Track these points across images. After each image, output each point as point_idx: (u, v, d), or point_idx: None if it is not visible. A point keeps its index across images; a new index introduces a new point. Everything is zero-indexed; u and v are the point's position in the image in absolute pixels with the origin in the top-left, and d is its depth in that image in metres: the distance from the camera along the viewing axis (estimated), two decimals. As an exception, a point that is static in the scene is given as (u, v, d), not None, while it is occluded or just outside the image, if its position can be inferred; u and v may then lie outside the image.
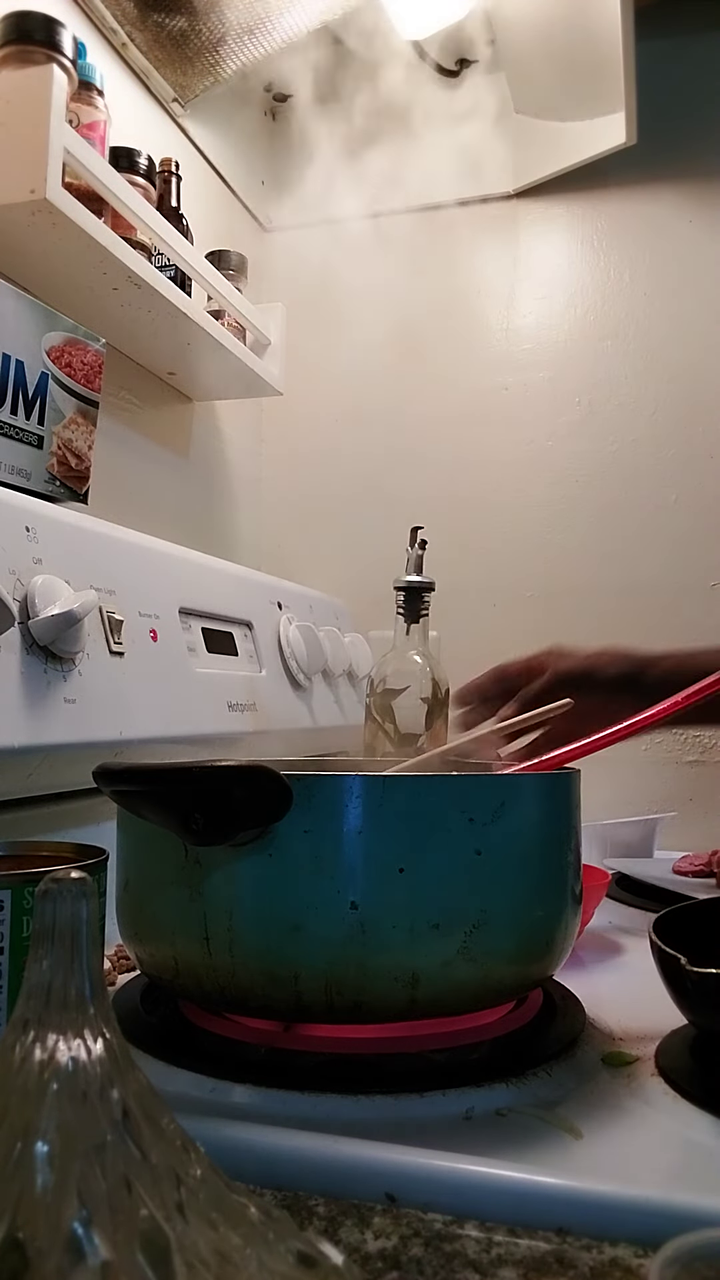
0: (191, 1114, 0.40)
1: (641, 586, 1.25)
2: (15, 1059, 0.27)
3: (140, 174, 0.93)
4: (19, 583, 0.63)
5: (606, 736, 0.66)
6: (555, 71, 1.23)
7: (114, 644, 0.71)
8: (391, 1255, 0.34)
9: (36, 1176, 0.25)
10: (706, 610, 1.23)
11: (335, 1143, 0.39)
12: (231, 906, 0.46)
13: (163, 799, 0.46)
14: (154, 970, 0.51)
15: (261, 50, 1.16)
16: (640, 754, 1.22)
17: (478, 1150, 0.39)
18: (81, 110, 0.85)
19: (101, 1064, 0.28)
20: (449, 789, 0.47)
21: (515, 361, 1.34)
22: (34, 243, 0.81)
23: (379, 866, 0.45)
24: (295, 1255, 0.27)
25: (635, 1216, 0.35)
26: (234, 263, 1.16)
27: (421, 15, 1.18)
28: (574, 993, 0.58)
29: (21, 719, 0.60)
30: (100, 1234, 0.24)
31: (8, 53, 0.77)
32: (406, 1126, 0.41)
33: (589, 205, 1.33)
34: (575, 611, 1.29)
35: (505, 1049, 0.49)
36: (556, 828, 0.52)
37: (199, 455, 1.26)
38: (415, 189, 1.39)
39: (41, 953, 0.29)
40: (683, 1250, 0.27)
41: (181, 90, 1.17)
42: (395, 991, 0.45)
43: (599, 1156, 0.40)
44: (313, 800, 0.45)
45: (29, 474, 0.72)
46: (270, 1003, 0.46)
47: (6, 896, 0.46)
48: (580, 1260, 0.34)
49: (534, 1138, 0.41)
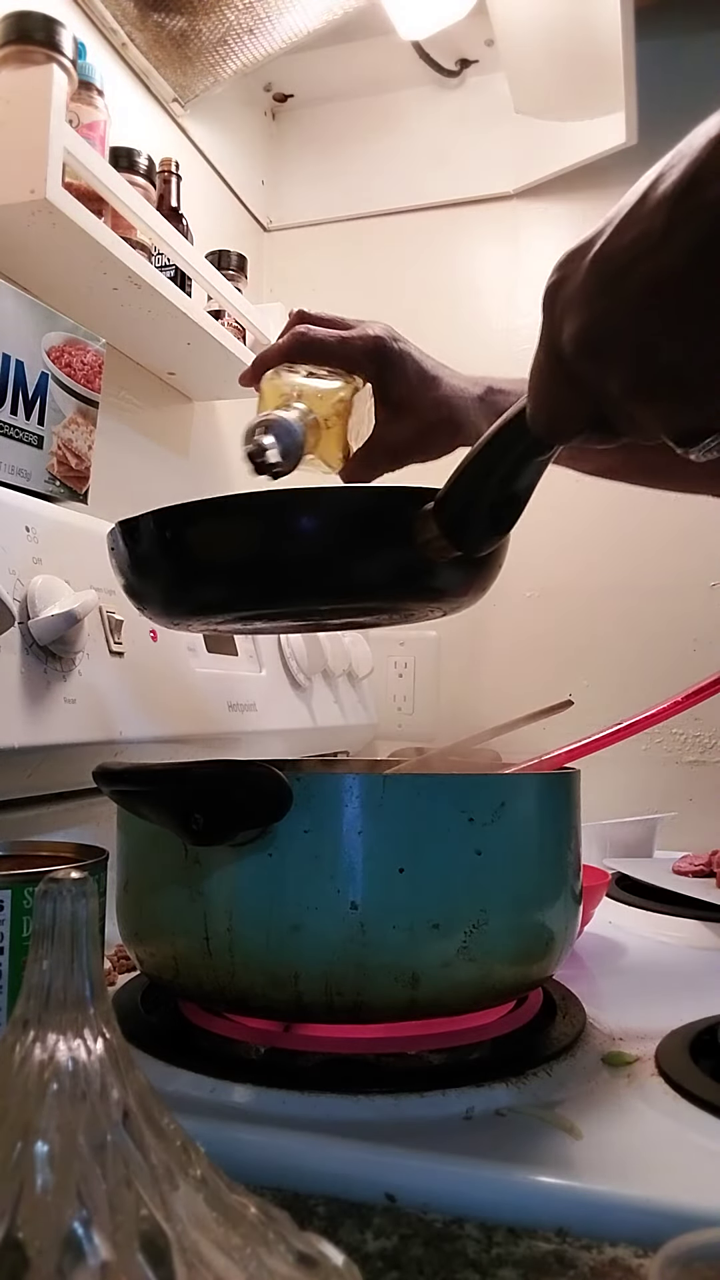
0: (191, 1114, 0.41)
1: (641, 586, 1.25)
2: (15, 1059, 0.27)
3: (140, 174, 0.93)
4: (19, 583, 0.63)
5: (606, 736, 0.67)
6: (555, 71, 1.23)
7: (114, 644, 0.71)
8: (391, 1255, 0.34)
9: (36, 1176, 0.25)
10: (706, 610, 1.23)
11: (335, 1143, 0.39)
12: (231, 906, 0.46)
13: (163, 799, 0.46)
14: (154, 970, 0.51)
15: (261, 50, 1.16)
16: (640, 754, 1.22)
17: (478, 1150, 0.39)
18: (81, 110, 0.84)
19: (101, 1064, 0.28)
20: (449, 789, 0.47)
21: (515, 361, 1.33)
22: (34, 243, 0.81)
23: (379, 866, 0.45)
24: (295, 1255, 0.27)
25: (635, 1216, 0.35)
26: (234, 263, 1.16)
27: (421, 15, 1.18)
28: (574, 993, 0.58)
29: (21, 719, 0.60)
30: (100, 1234, 0.24)
31: (8, 53, 0.77)
32: (406, 1126, 0.41)
33: (589, 205, 1.33)
34: (575, 611, 1.29)
35: (505, 1049, 0.49)
36: (556, 828, 0.52)
37: (199, 455, 1.26)
38: (415, 189, 1.39)
39: (41, 953, 0.29)
40: (683, 1250, 0.27)
41: (181, 90, 1.17)
42: (395, 991, 0.45)
43: (599, 1156, 0.40)
44: (313, 800, 0.45)
45: (29, 474, 0.72)
46: (270, 1003, 0.46)
47: (6, 896, 0.46)
48: (580, 1260, 0.34)
49: (534, 1138, 0.41)
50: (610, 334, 0.37)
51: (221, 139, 1.30)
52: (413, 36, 1.26)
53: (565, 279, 0.38)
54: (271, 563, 0.52)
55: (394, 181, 1.40)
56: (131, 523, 0.56)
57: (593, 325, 0.37)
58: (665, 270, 0.35)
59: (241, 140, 1.38)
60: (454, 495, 0.48)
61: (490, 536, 0.49)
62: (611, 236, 0.36)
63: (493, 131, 1.35)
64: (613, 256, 0.36)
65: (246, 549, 0.53)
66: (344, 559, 0.52)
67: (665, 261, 0.35)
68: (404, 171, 1.40)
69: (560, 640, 1.29)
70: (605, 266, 0.37)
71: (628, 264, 0.36)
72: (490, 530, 0.49)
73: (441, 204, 1.39)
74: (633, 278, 0.36)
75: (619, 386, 0.38)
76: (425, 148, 1.39)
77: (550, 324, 0.39)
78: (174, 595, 0.56)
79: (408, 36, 1.24)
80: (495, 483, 0.47)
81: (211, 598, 0.56)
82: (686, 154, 0.34)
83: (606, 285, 0.37)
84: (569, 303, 0.38)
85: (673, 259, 0.35)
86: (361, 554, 0.52)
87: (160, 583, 0.56)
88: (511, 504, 0.48)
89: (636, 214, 0.36)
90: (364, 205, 1.41)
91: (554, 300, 0.39)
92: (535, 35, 1.20)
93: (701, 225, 0.34)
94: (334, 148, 1.44)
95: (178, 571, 0.55)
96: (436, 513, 0.48)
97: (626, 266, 0.36)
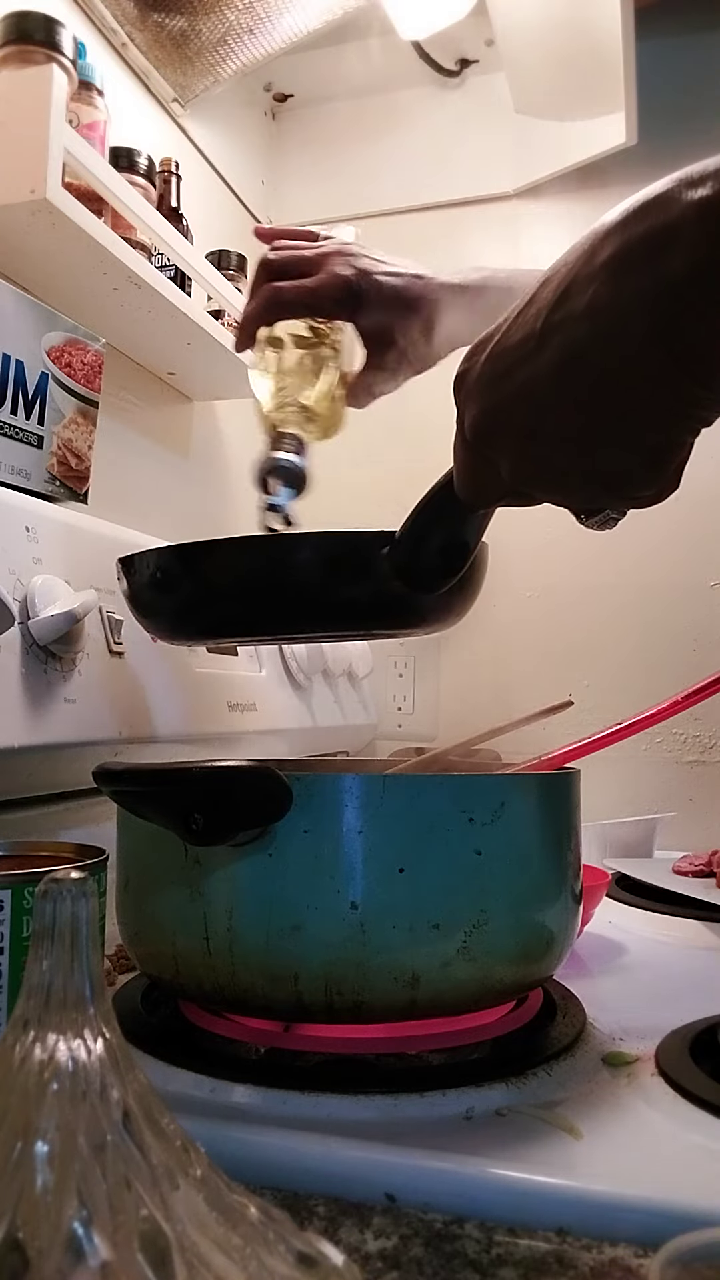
0: (191, 1114, 0.41)
1: (641, 586, 1.25)
2: (15, 1059, 0.27)
3: (140, 174, 0.93)
4: (19, 583, 0.63)
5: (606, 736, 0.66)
6: (555, 71, 1.23)
7: (114, 644, 0.71)
8: (391, 1255, 0.34)
9: (36, 1176, 0.25)
10: (706, 610, 1.23)
11: (335, 1143, 0.39)
12: (231, 906, 0.46)
13: (163, 799, 0.46)
14: (154, 970, 0.51)
15: (261, 50, 1.16)
16: (640, 754, 1.22)
17: (478, 1150, 0.39)
18: (81, 110, 0.84)
19: (101, 1064, 0.28)
20: (449, 789, 0.47)
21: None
22: (34, 243, 0.81)
23: (379, 866, 0.45)
24: (295, 1255, 0.27)
25: (635, 1216, 0.35)
26: (234, 263, 1.16)
27: (421, 15, 1.18)
28: (574, 993, 0.58)
29: (21, 719, 0.60)
30: (100, 1234, 0.24)
31: (8, 53, 0.77)
32: (406, 1126, 0.41)
33: (589, 205, 1.33)
34: (575, 611, 1.29)
35: (505, 1049, 0.49)
36: (556, 828, 0.52)
37: (199, 455, 1.26)
38: (415, 189, 1.39)
39: (41, 953, 0.29)
40: (683, 1250, 0.27)
41: (181, 90, 1.17)
42: (395, 991, 0.45)
43: (599, 1156, 0.40)
44: (313, 800, 0.45)
45: (29, 474, 0.72)
46: (270, 1003, 0.46)
47: (6, 896, 0.46)
48: (580, 1260, 0.34)
49: (534, 1138, 0.41)
50: (495, 426, 0.41)
51: (221, 139, 1.30)
52: (413, 36, 1.26)
53: (468, 371, 0.42)
54: (263, 596, 0.58)
55: (394, 181, 1.40)
56: (133, 559, 0.62)
57: (482, 417, 0.41)
58: (539, 374, 0.38)
59: (241, 140, 1.38)
60: (402, 544, 0.52)
61: (441, 578, 0.53)
62: (502, 337, 0.40)
63: (493, 131, 1.35)
64: (501, 356, 0.40)
65: (241, 585, 0.58)
66: (324, 594, 0.57)
67: (539, 366, 0.38)
68: (404, 171, 1.40)
69: (560, 640, 1.29)
70: (495, 365, 0.41)
71: (511, 365, 0.40)
72: (441, 573, 0.52)
73: (441, 204, 1.39)
74: (513, 378, 0.40)
75: (508, 470, 0.42)
76: (425, 148, 1.39)
77: (459, 408, 0.43)
78: (176, 622, 0.64)
79: (408, 36, 1.24)
80: (439, 533, 0.51)
81: (209, 624, 0.62)
82: (565, 262, 0.38)
83: (494, 382, 0.41)
84: (469, 393, 0.42)
85: (544, 364, 0.38)
86: (337, 590, 0.57)
87: (166, 611, 0.63)
88: (459, 550, 0.51)
89: (523, 317, 0.39)
90: (364, 205, 1.41)
91: (460, 388, 0.43)
92: (535, 35, 1.20)
93: (568, 335, 0.37)
94: (334, 148, 1.44)
95: (179, 602, 0.61)
96: (390, 558, 0.52)
97: (510, 367, 0.40)
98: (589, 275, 0.36)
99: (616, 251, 0.36)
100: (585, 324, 0.37)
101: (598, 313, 0.36)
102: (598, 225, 0.37)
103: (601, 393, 0.37)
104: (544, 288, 0.39)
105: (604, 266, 0.36)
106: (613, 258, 0.36)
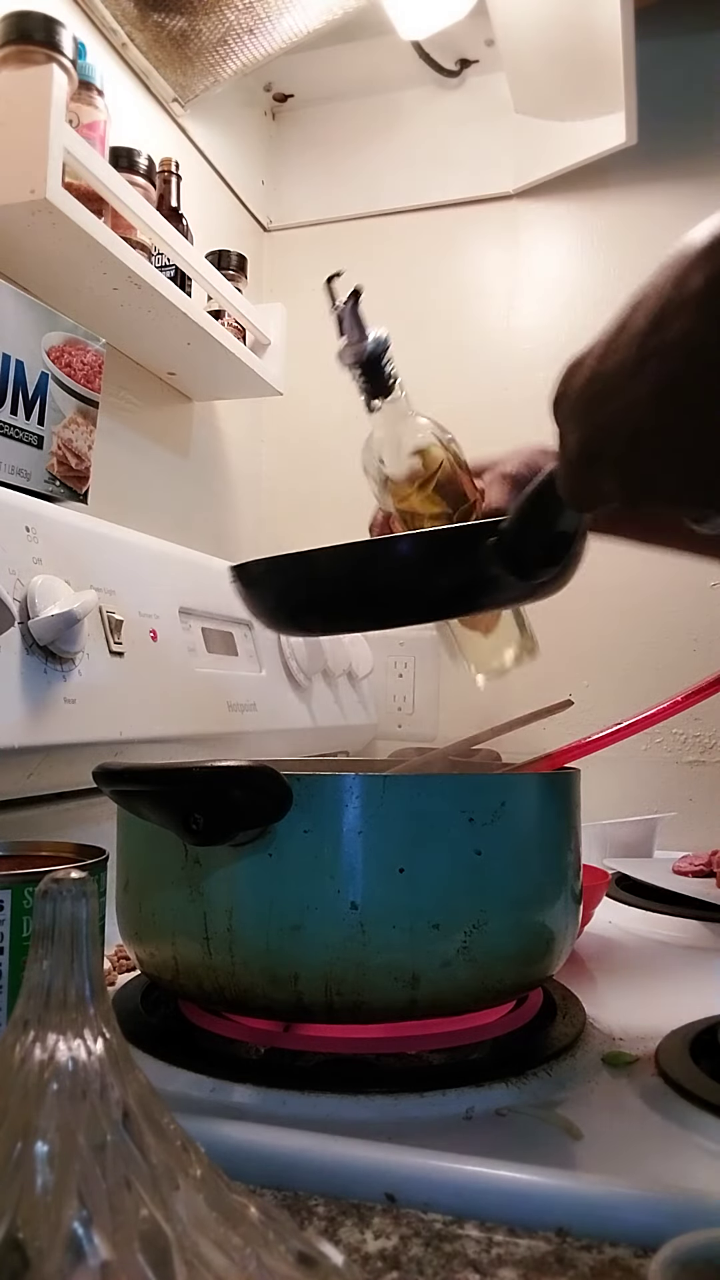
0: (191, 1114, 0.41)
1: (641, 586, 1.25)
2: (15, 1059, 0.27)
3: (140, 174, 0.93)
4: (19, 583, 0.63)
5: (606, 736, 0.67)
6: (555, 71, 1.23)
7: (114, 644, 0.71)
8: (391, 1255, 0.34)
9: (36, 1176, 0.25)
10: (706, 610, 1.23)
11: (335, 1143, 0.39)
12: (231, 906, 0.46)
13: (163, 799, 0.46)
14: (154, 970, 0.51)
15: (261, 50, 1.15)
16: (640, 754, 1.22)
17: (478, 1150, 0.39)
18: (81, 110, 0.84)
19: (101, 1064, 0.28)
20: (449, 789, 0.47)
21: (515, 362, 1.34)
22: (34, 243, 0.81)
23: (379, 866, 0.45)
24: (295, 1255, 0.27)
25: (635, 1216, 0.35)
26: (234, 263, 1.16)
27: (421, 15, 1.18)
28: (574, 993, 0.58)
29: (21, 719, 0.60)
30: (100, 1234, 0.24)
31: (8, 53, 0.77)
32: (406, 1126, 0.41)
33: (589, 205, 1.33)
34: (575, 611, 1.29)
35: (505, 1049, 0.50)
36: (556, 828, 0.52)
37: (199, 455, 1.26)
38: (415, 189, 1.39)
39: (41, 953, 0.29)
40: (683, 1250, 0.28)
41: (181, 90, 1.17)
42: (395, 991, 0.45)
43: (599, 1156, 0.40)
44: (313, 800, 0.45)
45: (29, 474, 0.72)
46: (270, 1003, 0.46)
47: (6, 896, 0.46)
48: (580, 1260, 0.34)
49: (534, 1138, 0.41)
50: (599, 449, 0.42)
51: (221, 139, 1.30)
52: (413, 36, 1.26)
53: (565, 395, 0.44)
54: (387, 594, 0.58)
55: (394, 181, 1.40)
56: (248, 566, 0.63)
57: (585, 441, 0.42)
58: (638, 400, 0.39)
59: (241, 140, 1.38)
60: (506, 537, 0.52)
61: (546, 568, 0.53)
62: (598, 362, 0.41)
63: (493, 131, 1.35)
64: (596, 381, 0.41)
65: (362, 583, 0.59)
66: (432, 588, 0.57)
67: (638, 393, 0.39)
68: (404, 171, 1.40)
69: (560, 640, 1.29)
70: (591, 389, 0.41)
71: (609, 391, 0.40)
72: (545, 563, 0.53)
73: (441, 204, 1.39)
74: (612, 403, 0.40)
75: (613, 488, 0.43)
76: (425, 148, 1.39)
77: (559, 429, 0.44)
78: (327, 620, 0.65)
79: (408, 36, 1.24)
80: (542, 526, 0.51)
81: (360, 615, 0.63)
82: (655, 285, 0.38)
83: (593, 408, 0.42)
84: (568, 416, 0.43)
85: (643, 392, 0.39)
86: (448, 581, 0.57)
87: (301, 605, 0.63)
88: (562, 541, 0.52)
89: (615, 343, 0.40)
90: (364, 205, 1.41)
91: (558, 411, 0.44)
92: (535, 35, 1.20)
93: (664, 366, 0.38)
94: (334, 148, 1.44)
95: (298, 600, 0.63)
96: (497, 548, 0.52)
97: (608, 393, 0.40)
98: (680, 304, 0.37)
99: (708, 283, 0.36)
100: (679, 356, 0.37)
101: (693, 349, 0.37)
102: (686, 245, 0.37)
103: (702, 420, 0.38)
104: (635, 312, 0.39)
105: (694, 298, 0.36)
106: (703, 290, 0.36)
